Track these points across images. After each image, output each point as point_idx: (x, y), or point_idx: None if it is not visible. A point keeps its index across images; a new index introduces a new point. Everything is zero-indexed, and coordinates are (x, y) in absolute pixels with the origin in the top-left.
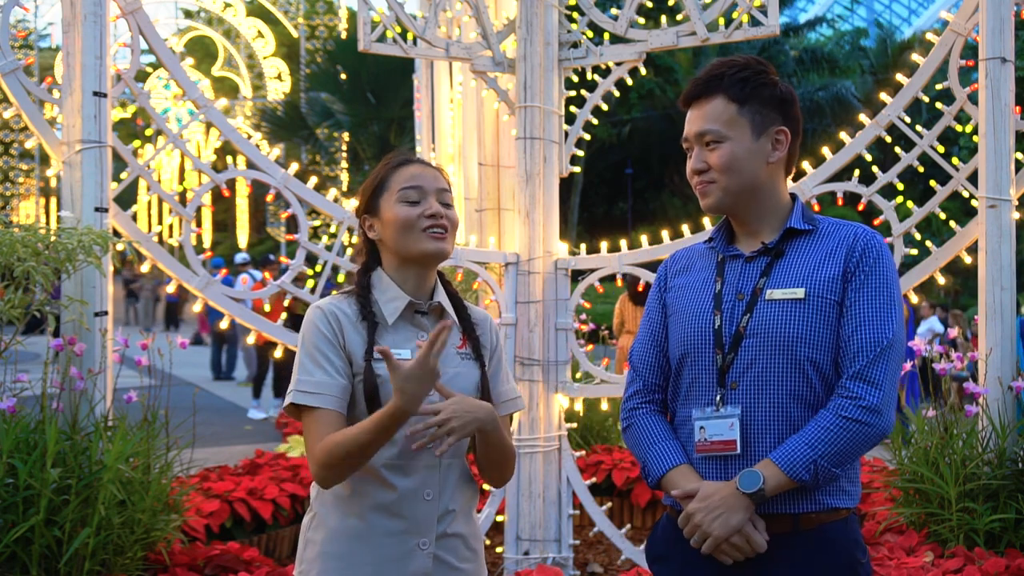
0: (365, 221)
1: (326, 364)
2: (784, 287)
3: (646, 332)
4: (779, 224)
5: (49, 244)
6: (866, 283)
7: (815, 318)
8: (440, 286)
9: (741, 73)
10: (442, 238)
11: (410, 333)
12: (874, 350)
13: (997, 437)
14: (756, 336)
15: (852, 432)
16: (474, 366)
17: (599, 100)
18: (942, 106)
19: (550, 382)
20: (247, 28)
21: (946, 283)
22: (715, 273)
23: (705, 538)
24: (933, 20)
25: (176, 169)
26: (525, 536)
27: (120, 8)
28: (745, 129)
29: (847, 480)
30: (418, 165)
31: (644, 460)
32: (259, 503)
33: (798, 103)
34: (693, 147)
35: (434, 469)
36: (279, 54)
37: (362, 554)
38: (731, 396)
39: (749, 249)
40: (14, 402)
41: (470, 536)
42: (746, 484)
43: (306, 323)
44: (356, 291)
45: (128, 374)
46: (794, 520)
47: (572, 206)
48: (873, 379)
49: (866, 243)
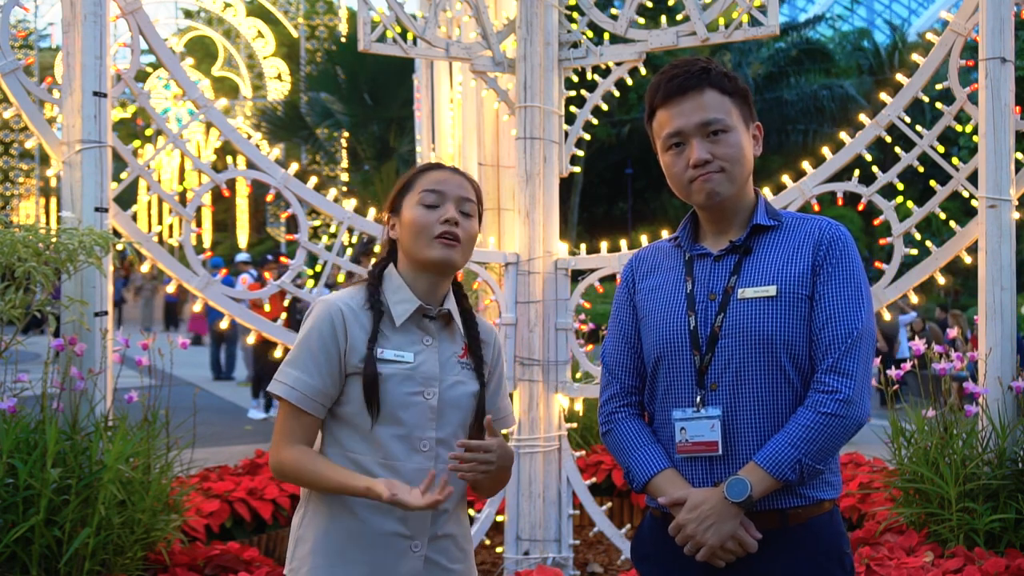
0: (389, 220)
1: (317, 367)
2: (755, 285)
3: (617, 334)
4: (745, 220)
5: (50, 244)
6: (834, 275)
7: (788, 314)
8: (451, 296)
9: (719, 67)
10: (452, 246)
11: (415, 336)
12: (845, 342)
13: (997, 437)
14: (731, 336)
15: (832, 427)
16: (473, 376)
17: (599, 100)
18: (942, 106)
19: (550, 382)
20: (247, 28)
21: (946, 283)
22: (684, 273)
23: (699, 547)
24: (933, 20)
25: (176, 169)
26: (525, 536)
27: (120, 8)
28: (740, 121)
29: (829, 471)
30: (446, 171)
31: (627, 465)
32: (259, 503)
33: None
34: (688, 140)
35: (427, 471)
36: (279, 54)
37: (354, 553)
38: (711, 397)
39: (716, 247)
40: (14, 402)
41: (460, 536)
42: (734, 493)
43: (311, 317)
44: (368, 282)
45: (128, 374)
46: (782, 516)
47: (572, 206)
48: (847, 371)
49: (832, 236)
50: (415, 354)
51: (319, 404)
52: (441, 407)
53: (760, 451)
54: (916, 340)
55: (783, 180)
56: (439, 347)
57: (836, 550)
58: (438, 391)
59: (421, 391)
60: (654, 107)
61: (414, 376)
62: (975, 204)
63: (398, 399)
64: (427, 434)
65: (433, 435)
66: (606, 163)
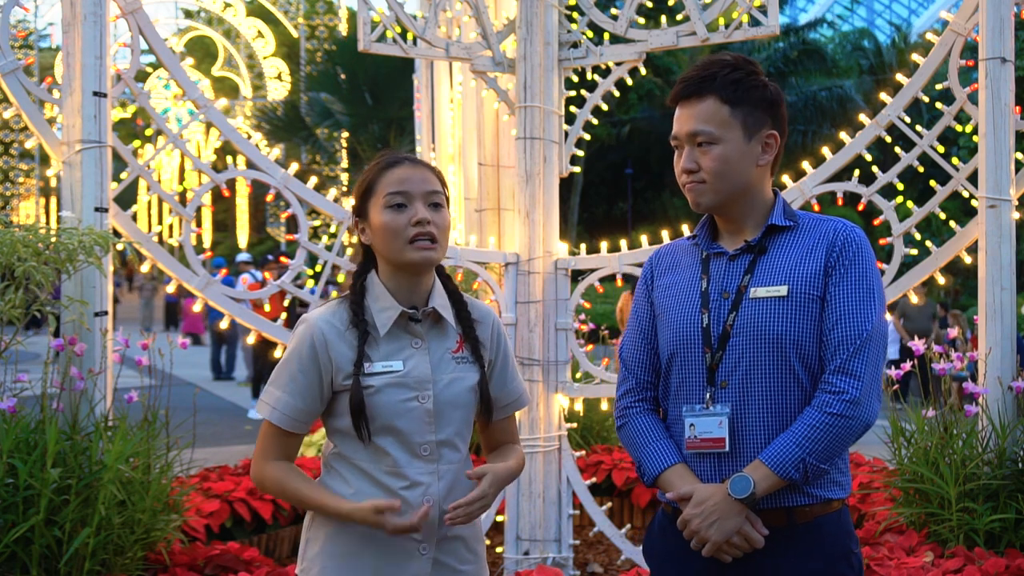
0: (357, 224)
1: (292, 385)
2: (767, 285)
3: (635, 330)
4: (762, 221)
5: (50, 244)
6: (846, 276)
7: (799, 314)
8: (438, 287)
9: (733, 74)
10: (430, 248)
11: (404, 341)
12: (855, 343)
13: (997, 437)
14: (742, 334)
15: (838, 427)
16: (472, 368)
17: (599, 100)
18: (942, 106)
19: (550, 382)
20: (247, 28)
21: (946, 283)
22: (700, 271)
23: (704, 542)
24: (933, 20)
25: (176, 169)
26: (525, 536)
27: (120, 8)
28: (737, 131)
29: (838, 471)
30: (406, 167)
31: (639, 459)
32: (259, 503)
33: (785, 104)
34: (683, 145)
35: (432, 476)
36: (279, 54)
37: (363, 554)
38: (721, 394)
39: (732, 246)
40: (14, 402)
41: (471, 538)
42: (737, 490)
43: (294, 338)
44: (351, 297)
45: (128, 374)
46: (789, 514)
47: (572, 206)
48: (855, 372)
49: (846, 237)
50: (404, 360)
51: (301, 423)
52: (438, 409)
53: (765, 449)
54: (916, 340)
55: (783, 180)
56: (429, 348)
57: (843, 549)
58: (432, 393)
59: (415, 396)
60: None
61: (406, 382)
62: (975, 204)
63: (392, 408)
64: (426, 438)
65: (433, 438)
66: (606, 163)
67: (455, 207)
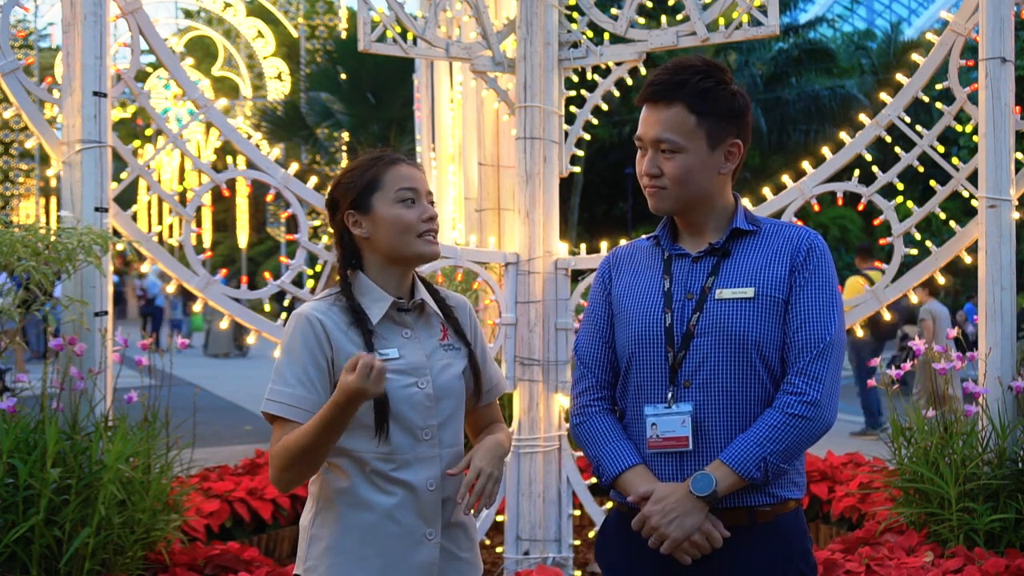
0: (350, 217)
1: (303, 377)
2: (733, 287)
3: (592, 328)
4: (724, 224)
5: (49, 244)
6: (811, 281)
7: (764, 316)
8: (417, 281)
9: (704, 82)
10: (436, 242)
11: (395, 331)
12: (817, 347)
13: (997, 437)
14: (707, 335)
15: (798, 428)
16: (459, 355)
17: (599, 100)
18: (942, 106)
19: (550, 382)
20: (247, 28)
21: (946, 283)
22: (662, 271)
23: (663, 540)
24: (933, 20)
25: (176, 169)
26: (525, 536)
27: (120, 8)
28: (701, 141)
29: (795, 472)
30: (409, 165)
31: (598, 459)
32: (259, 503)
33: (751, 111)
34: (647, 147)
35: (434, 460)
36: (279, 54)
37: (372, 547)
38: (683, 394)
39: (695, 248)
40: (14, 402)
41: (469, 526)
42: (699, 487)
43: (289, 331)
44: (342, 295)
45: (128, 374)
46: (750, 513)
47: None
48: (817, 375)
49: (810, 243)
50: (397, 349)
51: (303, 411)
52: (437, 394)
53: (726, 449)
54: (917, 339)
55: (783, 180)
56: (419, 337)
57: (801, 547)
58: (430, 378)
59: (415, 382)
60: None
61: (405, 369)
62: (975, 204)
63: (395, 395)
64: (428, 422)
65: (434, 422)
66: (606, 163)
67: (455, 207)
